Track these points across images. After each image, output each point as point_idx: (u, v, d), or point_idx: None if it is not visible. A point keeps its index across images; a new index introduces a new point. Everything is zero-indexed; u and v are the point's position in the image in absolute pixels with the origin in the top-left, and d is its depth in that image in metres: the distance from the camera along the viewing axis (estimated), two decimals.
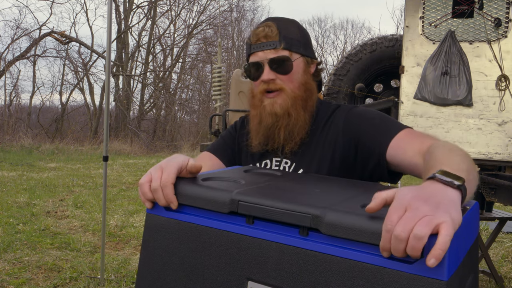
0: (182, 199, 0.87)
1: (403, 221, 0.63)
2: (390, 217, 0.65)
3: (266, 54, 1.23)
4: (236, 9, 21.39)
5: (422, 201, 0.66)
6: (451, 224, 0.63)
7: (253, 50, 1.24)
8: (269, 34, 1.23)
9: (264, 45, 1.23)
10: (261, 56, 1.23)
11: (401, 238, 0.62)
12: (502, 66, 3.01)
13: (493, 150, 3.06)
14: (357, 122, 1.21)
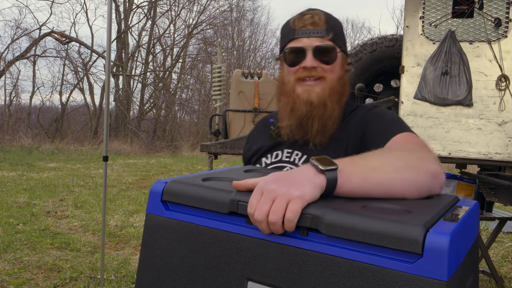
0: (182, 200, 0.87)
1: (260, 205, 0.74)
2: (250, 202, 0.75)
3: (312, 41, 1.20)
4: (236, 9, 21.40)
5: (276, 183, 0.76)
6: (299, 200, 0.73)
7: (297, 35, 1.21)
8: (317, 22, 1.21)
9: (311, 32, 1.21)
10: (306, 42, 1.21)
11: (260, 220, 0.73)
12: (502, 66, 3.01)
13: (493, 150, 3.06)
14: (370, 120, 1.23)
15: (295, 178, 0.77)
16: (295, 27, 1.23)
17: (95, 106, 18.07)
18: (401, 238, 0.66)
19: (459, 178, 3.48)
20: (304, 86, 1.21)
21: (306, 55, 1.20)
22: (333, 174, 0.79)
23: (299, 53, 1.21)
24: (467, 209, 0.84)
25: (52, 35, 16.11)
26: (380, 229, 0.67)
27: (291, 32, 1.23)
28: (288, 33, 1.24)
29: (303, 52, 1.20)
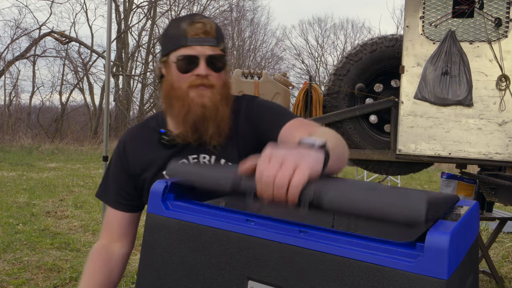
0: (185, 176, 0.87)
1: (268, 168, 0.73)
2: (258, 168, 0.75)
3: (205, 49, 1.24)
4: (236, 9, 21.42)
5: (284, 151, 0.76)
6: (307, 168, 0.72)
7: (190, 43, 1.24)
8: (209, 31, 1.25)
9: (204, 40, 1.24)
10: (199, 50, 1.24)
11: (267, 183, 0.73)
12: (503, 66, 3.01)
13: (494, 150, 3.06)
14: (260, 111, 1.31)
15: (300, 151, 0.77)
16: (186, 34, 1.24)
17: (95, 106, 18.07)
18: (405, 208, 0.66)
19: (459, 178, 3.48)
20: (197, 91, 1.25)
21: (199, 63, 1.24)
22: (327, 150, 0.81)
23: (192, 61, 1.24)
24: (467, 209, 0.84)
25: (52, 35, 16.11)
26: (384, 202, 0.67)
27: (182, 38, 1.24)
28: (179, 38, 1.25)
29: (196, 60, 1.24)
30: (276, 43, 24.47)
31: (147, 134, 1.35)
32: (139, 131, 1.39)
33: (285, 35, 39.55)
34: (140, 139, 1.36)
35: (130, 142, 1.36)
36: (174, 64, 1.26)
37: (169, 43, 1.28)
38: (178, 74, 1.26)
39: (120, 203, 1.34)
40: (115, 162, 1.37)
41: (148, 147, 1.33)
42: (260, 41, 23.67)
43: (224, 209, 0.85)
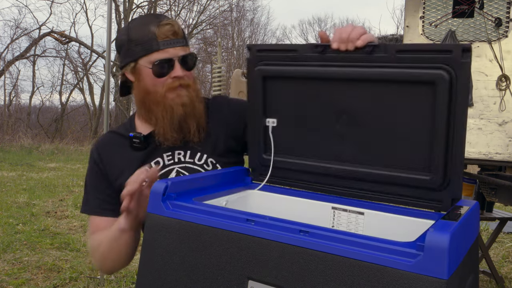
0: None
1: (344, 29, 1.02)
2: (337, 29, 1.03)
3: (177, 51, 1.24)
4: (236, 9, 21.40)
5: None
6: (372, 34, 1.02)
7: (163, 46, 1.22)
8: (176, 32, 1.24)
9: (174, 42, 1.24)
10: (172, 52, 1.23)
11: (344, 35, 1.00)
12: (503, 66, 3.01)
13: (494, 150, 3.06)
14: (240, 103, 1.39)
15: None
16: (157, 37, 1.22)
17: (95, 106, 18.07)
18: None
19: None
20: (175, 92, 1.26)
21: (175, 65, 1.24)
22: None
23: (167, 64, 1.24)
24: (467, 209, 0.85)
25: (51, 35, 16.10)
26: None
27: (153, 42, 1.23)
28: (150, 43, 1.23)
29: (171, 62, 1.24)
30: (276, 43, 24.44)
31: (118, 141, 1.34)
32: (110, 138, 1.38)
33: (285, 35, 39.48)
34: (113, 145, 1.35)
35: (102, 149, 1.35)
36: (148, 70, 1.24)
37: (136, 49, 1.25)
38: (154, 79, 1.25)
39: (105, 208, 1.31)
40: (91, 171, 1.35)
41: (121, 152, 1.32)
42: (260, 41, 23.65)
43: (224, 209, 0.85)
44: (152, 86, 1.26)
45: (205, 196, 0.99)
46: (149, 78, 1.25)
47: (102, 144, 1.36)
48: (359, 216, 1.03)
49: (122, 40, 1.28)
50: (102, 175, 1.33)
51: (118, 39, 1.32)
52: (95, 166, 1.34)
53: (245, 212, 0.84)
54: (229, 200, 1.06)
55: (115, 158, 1.32)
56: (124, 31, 1.29)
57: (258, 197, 1.15)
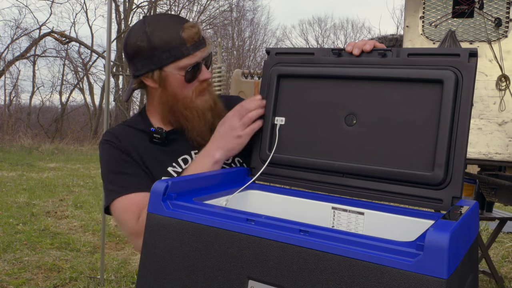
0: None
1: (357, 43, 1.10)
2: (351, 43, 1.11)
3: (202, 53, 1.23)
4: (236, 9, 21.41)
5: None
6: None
7: (193, 50, 1.20)
8: (199, 33, 1.22)
9: (200, 44, 1.22)
10: (199, 56, 1.22)
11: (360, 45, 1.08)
12: (503, 66, 3.01)
13: (493, 150, 3.06)
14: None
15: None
16: (186, 42, 1.19)
17: (95, 106, 18.07)
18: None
19: None
20: (202, 97, 1.26)
21: (202, 68, 1.23)
22: None
23: (197, 68, 1.23)
24: (467, 209, 0.85)
25: (52, 35, 16.10)
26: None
27: (183, 48, 1.19)
28: (179, 48, 1.19)
29: (199, 65, 1.23)
30: (276, 43, 24.46)
31: (133, 132, 1.28)
32: (124, 130, 1.30)
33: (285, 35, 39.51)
34: (128, 135, 1.28)
35: (120, 135, 1.26)
36: (177, 76, 1.21)
37: (163, 55, 1.19)
38: (183, 85, 1.23)
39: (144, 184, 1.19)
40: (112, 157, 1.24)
41: (138, 143, 1.26)
42: (260, 41, 23.66)
43: (225, 208, 0.86)
44: (181, 92, 1.24)
45: (205, 196, 0.99)
46: (177, 84, 1.22)
47: (117, 132, 1.28)
48: (359, 216, 1.03)
49: (141, 47, 1.19)
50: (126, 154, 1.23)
51: (133, 45, 1.21)
52: (115, 150, 1.24)
53: (245, 212, 0.84)
54: (229, 200, 1.06)
55: (133, 146, 1.25)
56: (141, 37, 1.20)
57: (258, 197, 1.15)
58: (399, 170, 0.99)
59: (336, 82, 1.09)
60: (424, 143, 0.97)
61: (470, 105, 0.94)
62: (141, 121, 1.32)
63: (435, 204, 0.96)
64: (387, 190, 1.01)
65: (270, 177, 1.15)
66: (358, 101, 1.06)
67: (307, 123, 1.11)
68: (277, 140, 1.14)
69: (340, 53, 1.10)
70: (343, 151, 1.06)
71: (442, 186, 0.95)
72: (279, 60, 1.17)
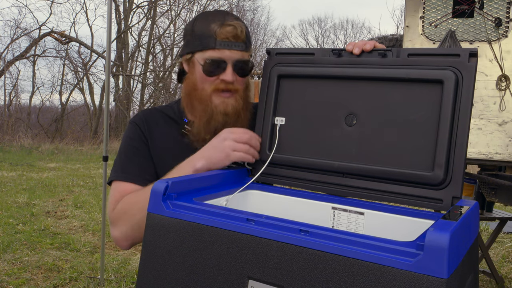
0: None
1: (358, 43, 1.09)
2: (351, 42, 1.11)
3: (233, 54, 1.22)
4: (236, 9, 21.40)
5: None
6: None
7: (220, 46, 1.21)
8: (238, 35, 1.22)
9: (233, 44, 1.22)
10: (227, 55, 1.22)
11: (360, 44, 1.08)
12: (503, 66, 3.01)
13: (494, 150, 3.06)
14: None
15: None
16: (216, 36, 1.21)
17: (95, 106, 18.07)
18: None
19: None
20: (221, 98, 1.25)
21: (227, 68, 1.23)
22: None
23: (219, 65, 1.22)
24: (467, 209, 0.85)
25: (52, 35, 16.10)
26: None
27: (211, 40, 1.21)
28: (208, 40, 1.22)
29: (224, 64, 1.22)
30: (276, 43, 24.46)
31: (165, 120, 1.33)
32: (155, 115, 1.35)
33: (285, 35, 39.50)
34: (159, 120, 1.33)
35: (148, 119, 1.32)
36: (200, 66, 1.23)
37: (195, 42, 1.24)
38: (203, 76, 1.24)
39: (144, 178, 1.26)
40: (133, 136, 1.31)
41: (166, 132, 1.31)
42: (260, 41, 23.67)
43: (225, 208, 0.86)
44: (200, 83, 1.25)
45: (205, 196, 0.99)
46: (199, 74, 1.25)
47: (149, 117, 1.34)
48: (359, 216, 1.03)
49: (187, 30, 1.28)
50: (144, 143, 1.30)
51: (185, 27, 1.31)
52: (136, 135, 1.30)
53: (246, 212, 0.84)
54: (229, 200, 1.06)
55: (158, 133, 1.31)
56: (191, 22, 1.29)
57: (258, 197, 1.15)
58: (399, 170, 0.99)
59: (336, 82, 1.09)
60: (424, 143, 0.97)
61: (470, 105, 0.94)
62: (175, 109, 1.36)
63: (435, 204, 0.96)
64: (387, 190, 1.01)
65: (270, 177, 1.15)
66: (358, 101, 1.06)
67: (307, 123, 1.11)
68: (277, 140, 1.14)
69: (340, 53, 1.09)
70: (343, 151, 1.06)
71: (442, 186, 0.95)
72: (279, 60, 1.17)
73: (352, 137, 1.05)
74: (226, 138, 1.15)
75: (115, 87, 17.70)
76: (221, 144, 1.15)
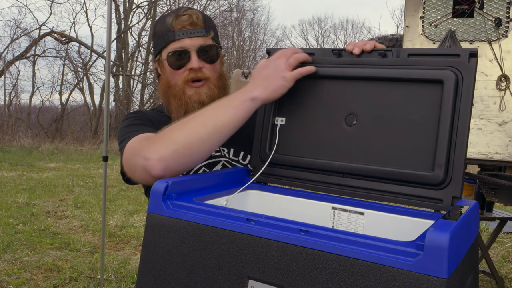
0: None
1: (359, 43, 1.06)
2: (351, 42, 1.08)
3: (194, 41, 1.21)
4: (236, 9, 21.41)
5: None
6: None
7: (178, 37, 1.20)
8: (195, 22, 1.21)
9: (192, 32, 1.20)
10: (188, 43, 1.20)
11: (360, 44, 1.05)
12: (503, 66, 3.01)
13: (494, 150, 3.06)
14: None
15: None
16: (173, 28, 1.20)
17: (95, 106, 18.07)
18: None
19: None
20: (193, 89, 1.23)
21: (191, 56, 1.21)
22: None
23: (183, 55, 1.21)
24: (467, 209, 0.85)
25: (52, 35, 16.09)
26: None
27: (169, 34, 1.20)
28: (166, 35, 1.21)
29: (187, 53, 1.21)
30: (276, 43, 24.46)
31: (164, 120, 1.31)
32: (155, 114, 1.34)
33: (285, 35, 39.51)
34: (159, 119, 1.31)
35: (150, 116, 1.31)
36: (166, 61, 1.23)
37: (158, 41, 1.24)
38: (172, 71, 1.23)
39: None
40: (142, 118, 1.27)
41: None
42: (260, 41, 23.67)
43: (225, 208, 0.86)
44: (172, 79, 1.24)
45: (205, 196, 0.99)
46: (168, 71, 1.24)
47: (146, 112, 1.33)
48: (359, 216, 1.03)
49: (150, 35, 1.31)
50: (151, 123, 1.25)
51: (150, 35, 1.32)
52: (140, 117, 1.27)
53: (246, 212, 0.84)
54: (229, 200, 1.06)
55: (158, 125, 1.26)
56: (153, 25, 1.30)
57: (258, 197, 1.15)
58: (399, 170, 0.99)
59: (336, 82, 1.09)
60: (424, 143, 0.97)
61: (470, 105, 0.94)
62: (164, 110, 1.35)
63: (435, 204, 0.96)
64: (387, 190, 1.01)
65: (270, 177, 1.15)
66: (358, 101, 1.06)
67: (307, 123, 1.11)
68: (277, 140, 1.14)
69: (341, 53, 1.10)
70: (343, 151, 1.06)
71: (442, 186, 0.95)
72: None
73: (352, 137, 1.05)
74: (277, 63, 1.05)
75: (115, 87, 17.70)
76: (274, 71, 1.05)
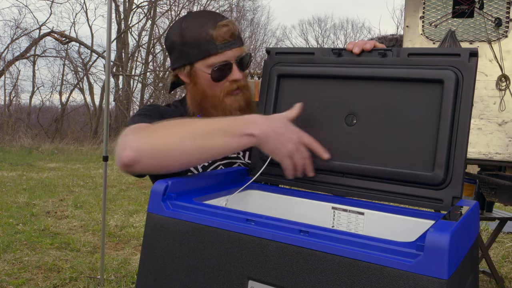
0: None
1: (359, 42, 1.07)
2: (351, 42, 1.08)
3: (234, 52, 1.22)
4: (236, 9, 21.40)
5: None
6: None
7: (221, 49, 1.19)
8: (233, 32, 1.21)
9: (232, 44, 1.21)
10: (230, 55, 1.21)
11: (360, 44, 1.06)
12: (503, 66, 3.01)
13: (494, 150, 3.06)
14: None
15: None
16: (214, 40, 1.19)
17: (95, 106, 18.07)
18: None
19: None
20: (232, 97, 1.25)
21: (233, 68, 1.22)
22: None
23: (226, 68, 1.22)
24: (467, 209, 0.85)
25: (52, 35, 16.10)
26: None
27: (211, 45, 1.19)
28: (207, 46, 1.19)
29: (228, 65, 1.22)
30: (276, 43, 24.46)
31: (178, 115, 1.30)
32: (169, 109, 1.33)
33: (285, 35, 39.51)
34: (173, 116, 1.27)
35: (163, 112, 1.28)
36: (205, 74, 1.22)
37: (192, 51, 1.21)
38: (211, 83, 1.23)
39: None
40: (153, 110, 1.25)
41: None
42: (260, 41, 23.67)
43: (225, 209, 0.85)
44: (210, 90, 1.24)
45: (205, 196, 0.99)
46: (206, 82, 1.23)
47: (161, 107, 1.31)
48: (359, 216, 1.03)
49: (175, 42, 1.23)
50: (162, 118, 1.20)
51: (170, 39, 1.25)
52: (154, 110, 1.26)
53: (245, 212, 0.84)
54: (229, 200, 1.06)
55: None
56: (176, 31, 1.23)
57: (258, 197, 1.15)
58: (399, 170, 0.99)
59: (336, 82, 1.09)
60: (424, 143, 0.97)
61: (470, 105, 0.94)
62: (182, 107, 1.35)
63: (435, 204, 0.96)
64: (387, 190, 1.01)
65: (270, 177, 1.15)
66: (358, 101, 1.06)
67: (307, 123, 1.11)
68: None
69: (340, 53, 1.09)
70: (343, 151, 1.06)
71: (442, 186, 0.94)
72: (279, 60, 1.17)
73: (352, 137, 1.05)
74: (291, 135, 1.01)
75: (115, 87, 17.70)
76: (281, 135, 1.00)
